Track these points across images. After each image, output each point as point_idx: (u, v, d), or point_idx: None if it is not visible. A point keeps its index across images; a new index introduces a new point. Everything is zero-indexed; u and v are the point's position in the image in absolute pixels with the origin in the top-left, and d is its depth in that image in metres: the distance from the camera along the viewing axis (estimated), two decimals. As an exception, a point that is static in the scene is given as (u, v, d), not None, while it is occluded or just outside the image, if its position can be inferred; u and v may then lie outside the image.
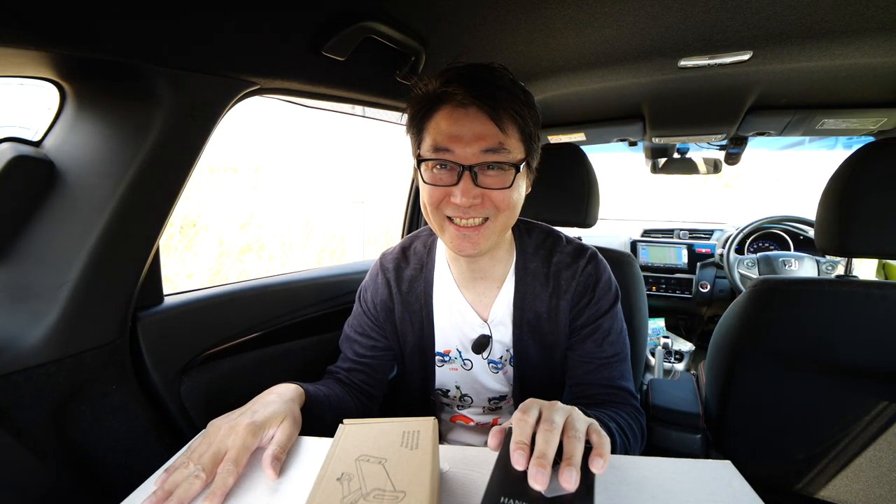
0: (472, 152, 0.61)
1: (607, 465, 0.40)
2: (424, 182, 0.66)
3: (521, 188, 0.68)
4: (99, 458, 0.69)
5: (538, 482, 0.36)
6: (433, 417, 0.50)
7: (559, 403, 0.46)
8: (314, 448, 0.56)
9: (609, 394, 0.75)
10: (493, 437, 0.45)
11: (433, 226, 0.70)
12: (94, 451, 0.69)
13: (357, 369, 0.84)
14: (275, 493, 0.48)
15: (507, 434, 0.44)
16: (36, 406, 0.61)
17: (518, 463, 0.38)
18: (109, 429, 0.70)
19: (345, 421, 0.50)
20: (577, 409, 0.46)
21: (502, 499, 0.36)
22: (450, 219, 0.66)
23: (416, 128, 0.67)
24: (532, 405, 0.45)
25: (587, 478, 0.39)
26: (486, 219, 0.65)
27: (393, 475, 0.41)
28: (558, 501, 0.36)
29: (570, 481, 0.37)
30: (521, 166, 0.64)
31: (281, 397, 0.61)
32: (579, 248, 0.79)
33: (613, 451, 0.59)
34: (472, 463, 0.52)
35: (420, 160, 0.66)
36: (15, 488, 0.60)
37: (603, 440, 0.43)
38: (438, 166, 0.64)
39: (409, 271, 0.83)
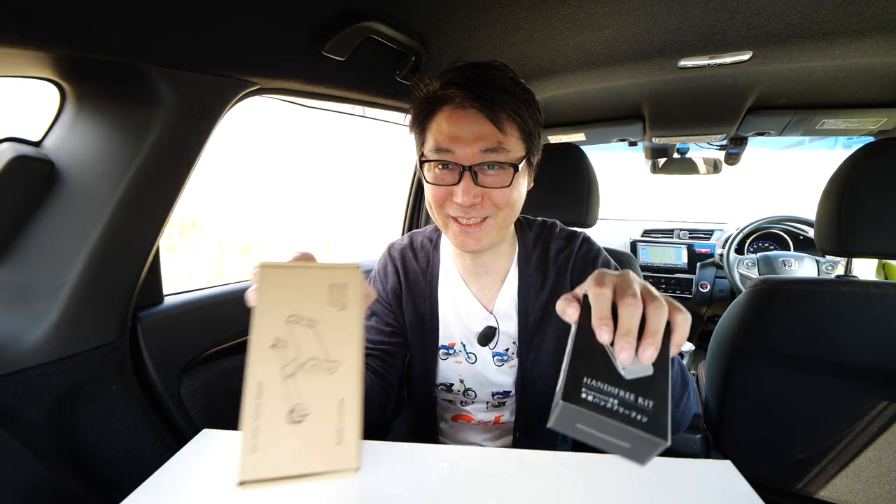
0: (471, 152, 0.63)
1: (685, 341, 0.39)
2: (428, 182, 0.68)
3: (521, 186, 0.69)
4: (99, 458, 0.69)
5: (624, 359, 0.36)
6: (358, 266, 0.45)
7: (631, 273, 0.43)
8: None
9: None
10: (569, 306, 0.42)
11: (437, 223, 0.72)
12: (94, 451, 0.69)
13: (373, 354, 0.83)
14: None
15: (584, 305, 0.41)
16: (36, 406, 0.61)
17: (604, 338, 0.37)
18: (109, 429, 0.70)
19: (262, 262, 0.43)
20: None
21: (585, 379, 0.36)
22: (453, 217, 0.68)
23: (419, 128, 0.69)
24: (605, 277, 0.43)
25: (663, 355, 0.37)
26: (487, 216, 0.67)
27: (325, 341, 0.40)
28: (637, 384, 0.36)
29: (650, 356, 0.36)
30: (521, 165, 0.65)
31: None
32: (571, 233, 0.82)
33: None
34: (473, 463, 0.52)
35: (423, 161, 0.68)
36: (15, 488, 0.60)
37: (687, 318, 0.41)
38: (440, 166, 0.66)
39: (415, 264, 0.85)
